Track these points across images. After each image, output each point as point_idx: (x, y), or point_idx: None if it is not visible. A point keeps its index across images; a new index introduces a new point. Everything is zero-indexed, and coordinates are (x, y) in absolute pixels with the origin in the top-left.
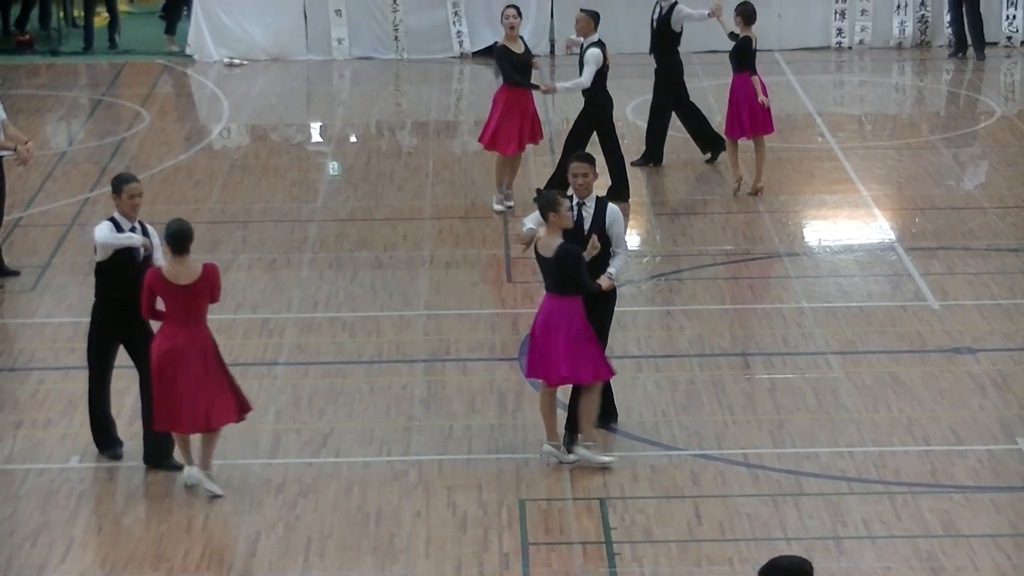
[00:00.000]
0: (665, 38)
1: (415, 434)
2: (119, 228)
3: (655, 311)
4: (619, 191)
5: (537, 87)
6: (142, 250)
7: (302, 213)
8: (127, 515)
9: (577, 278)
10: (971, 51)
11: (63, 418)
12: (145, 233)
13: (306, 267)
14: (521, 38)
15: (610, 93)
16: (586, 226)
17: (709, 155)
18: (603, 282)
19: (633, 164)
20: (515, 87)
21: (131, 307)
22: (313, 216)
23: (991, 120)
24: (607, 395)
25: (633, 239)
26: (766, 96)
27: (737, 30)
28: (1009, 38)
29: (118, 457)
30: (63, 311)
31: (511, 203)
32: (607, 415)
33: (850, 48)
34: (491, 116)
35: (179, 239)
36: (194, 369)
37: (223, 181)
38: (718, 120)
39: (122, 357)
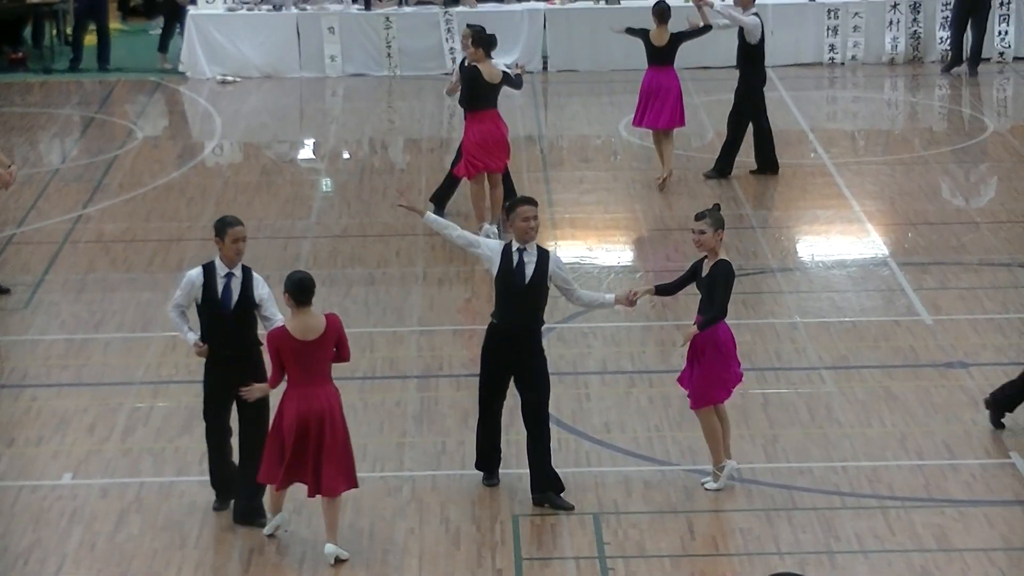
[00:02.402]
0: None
1: (408, 450)
2: (210, 275)
3: (648, 326)
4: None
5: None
6: (235, 295)
7: (295, 230)
8: (120, 532)
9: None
10: (964, 67)
11: (55, 435)
12: (248, 278)
13: None
14: (502, 66)
15: None
16: (527, 273)
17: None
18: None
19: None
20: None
21: (239, 359)
22: (306, 233)
23: (983, 135)
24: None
25: (627, 255)
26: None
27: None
28: (1001, 54)
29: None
30: (56, 328)
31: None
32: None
33: (843, 64)
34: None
35: (302, 290)
36: (323, 435)
37: (216, 198)
38: (709, 137)
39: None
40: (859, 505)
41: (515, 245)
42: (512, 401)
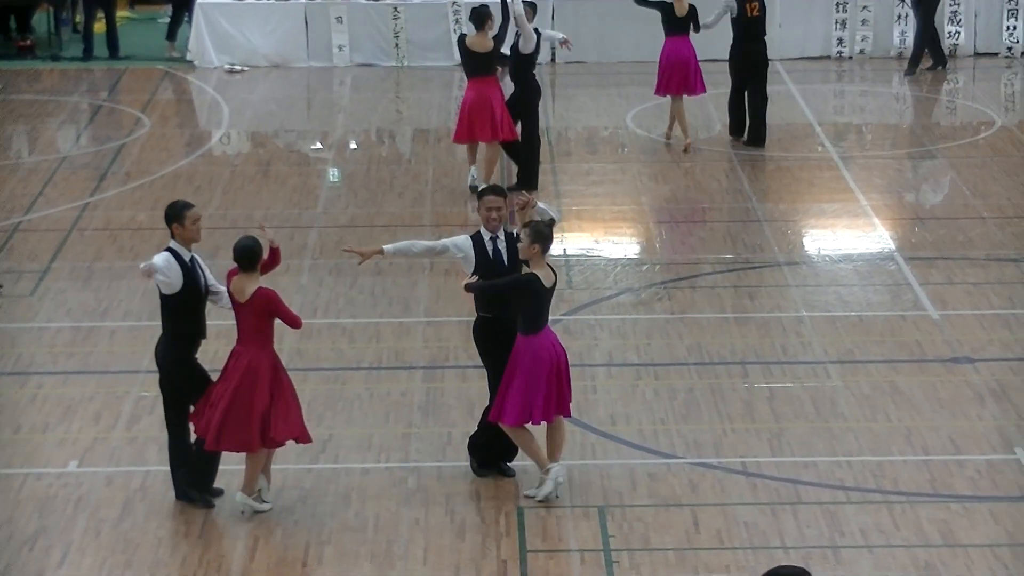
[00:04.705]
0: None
1: (414, 441)
2: (179, 258)
3: (654, 319)
4: (528, 180)
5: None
6: (202, 276)
7: (302, 219)
8: (125, 520)
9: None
10: (947, 64)
11: (61, 423)
12: (197, 259)
13: (306, 273)
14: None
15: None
16: (505, 259)
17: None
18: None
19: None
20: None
21: (200, 337)
22: (313, 222)
23: (991, 130)
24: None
25: (632, 247)
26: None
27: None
28: (1009, 48)
29: (210, 505)
30: (62, 316)
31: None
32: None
33: (850, 58)
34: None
35: (244, 255)
36: (277, 383)
37: (223, 187)
38: (716, 129)
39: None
40: (864, 500)
41: (486, 235)
42: (476, 390)
